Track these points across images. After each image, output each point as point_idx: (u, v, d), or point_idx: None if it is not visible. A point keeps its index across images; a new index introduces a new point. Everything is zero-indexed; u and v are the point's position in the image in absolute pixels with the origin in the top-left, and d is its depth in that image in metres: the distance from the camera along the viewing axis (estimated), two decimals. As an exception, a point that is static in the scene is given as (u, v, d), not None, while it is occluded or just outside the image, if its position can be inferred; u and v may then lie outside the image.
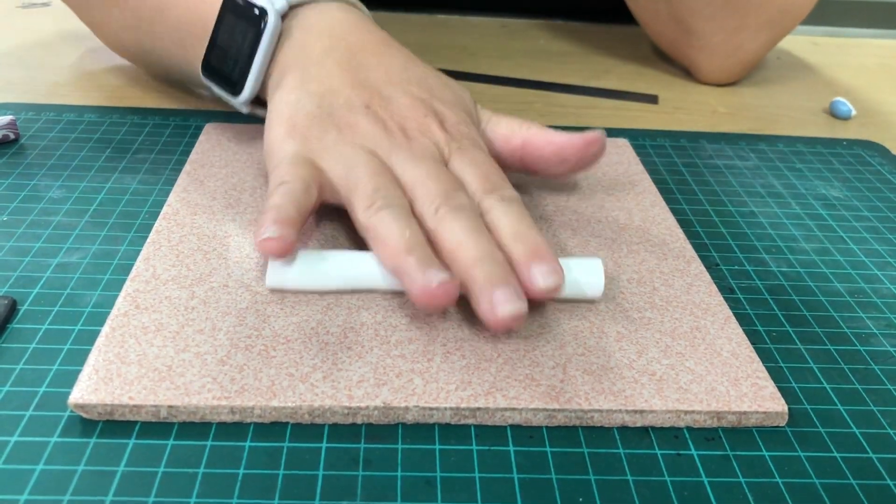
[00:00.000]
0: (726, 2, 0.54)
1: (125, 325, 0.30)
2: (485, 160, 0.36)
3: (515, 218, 0.33)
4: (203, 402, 0.27)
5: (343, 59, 0.39)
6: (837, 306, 0.35)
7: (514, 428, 0.28)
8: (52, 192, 0.40)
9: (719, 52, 0.57)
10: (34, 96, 0.51)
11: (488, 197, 0.34)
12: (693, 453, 0.27)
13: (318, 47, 0.39)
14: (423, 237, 0.32)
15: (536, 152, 0.38)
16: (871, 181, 0.47)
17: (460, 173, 0.35)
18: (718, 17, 0.55)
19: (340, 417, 0.27)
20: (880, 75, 0.66)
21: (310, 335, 0.30)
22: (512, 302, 0.29)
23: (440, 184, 0.33)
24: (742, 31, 0.55)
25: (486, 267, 0.30)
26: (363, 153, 0.35)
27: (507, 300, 0.29)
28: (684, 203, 0.43)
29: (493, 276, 0.30)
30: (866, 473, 0.27)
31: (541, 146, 0.38)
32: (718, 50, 0.57)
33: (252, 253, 0.35)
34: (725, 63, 0.58)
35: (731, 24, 0.55)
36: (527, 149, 0.39)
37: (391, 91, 0.38)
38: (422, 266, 0.30)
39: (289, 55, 0.39)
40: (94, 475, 0.25)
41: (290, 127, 0.36)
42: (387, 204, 0.32)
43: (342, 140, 0.35)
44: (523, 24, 0.71)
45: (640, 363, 0.30)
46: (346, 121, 0.36)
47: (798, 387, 0.31)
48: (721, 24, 0.55)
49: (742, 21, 0.55)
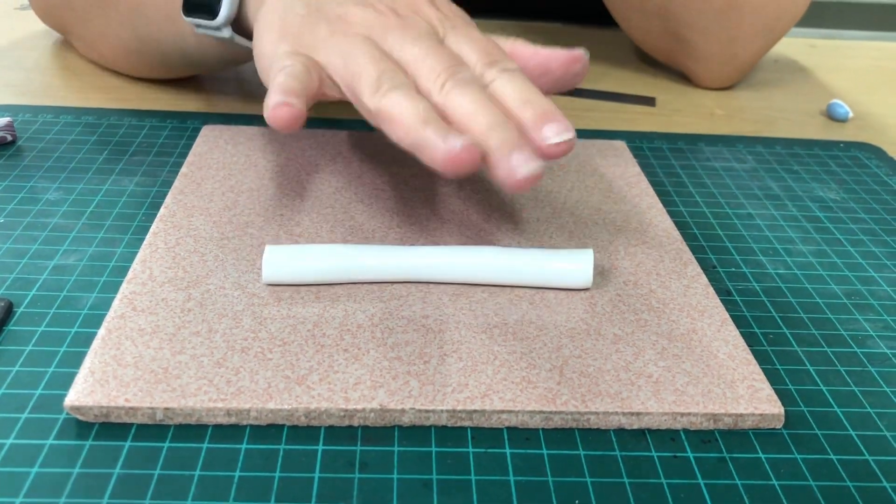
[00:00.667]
0: (721, 13, 0.54)
1: (121, 328, 0.30)
2: (480, 36, 0.36)
3: (520, 86, 0.33)
4: (199, 404, 0.27)
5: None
6: (834, 308, 0.35)
7: (510, 430, 0.28)
8: (49, 194, 0.40)
9: (715, 60, 0.57)
10: (31, 98, 0.51)
11: (490, 69, 0.34)
12: (689, 455, 0.27)
13: None
14: (435, 112, 0.32)
15: (521, 62, 0.39)
16: (868, 183, 0.47)
17: (458, 50, 0.35)
18: (713, 28, 0.55)
19: (337, 420, 0.27)
20: (877, 77, 0.66)
21: (306, 337, 0.30)
22: (528, 163, 0.30)
23: (441, 59, 0.34)
24: (737, 41, 0.55)
25: (499, 133, 0.31)
26: (359, 40, 0.35)
27: (524, 161, 0.30)
28: (681, 205, 0.43)
29: (508, 141, 0.30)
30: (862, 476, 0.27)
31: (526, 56, 0.39)
32: (714, 59, 0.57)
33: (249, 255, 0.35)
34: (722, 70, 0.58)
35: (726, 35, 0.55)
36: (513, 58, 0.39)
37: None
38: (441, 134, 0.30)
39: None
40: (90, 478, 0.25)
41: (280, 30, 0.37)
42: (394, 85, 0.33)
43: (335, 31, 0.36)
44: (520, 27, 0.71)
45: (637, 365, 0.30)
46: (335, 13, 0.36)
47: (794, 389, 0.31)
48: (717, 36, 0.55)
49: (737, 31, 0.55)
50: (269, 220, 0.37)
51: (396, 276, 0.33)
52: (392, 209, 0.39)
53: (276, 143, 0.44)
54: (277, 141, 0.45)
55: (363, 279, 0.33)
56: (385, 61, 0.34)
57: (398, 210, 0.39)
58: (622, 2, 0.57)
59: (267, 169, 0.42)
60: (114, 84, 0.53)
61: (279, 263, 0.32)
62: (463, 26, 0.37)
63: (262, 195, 0.39)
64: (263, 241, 0.36)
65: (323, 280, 0.33)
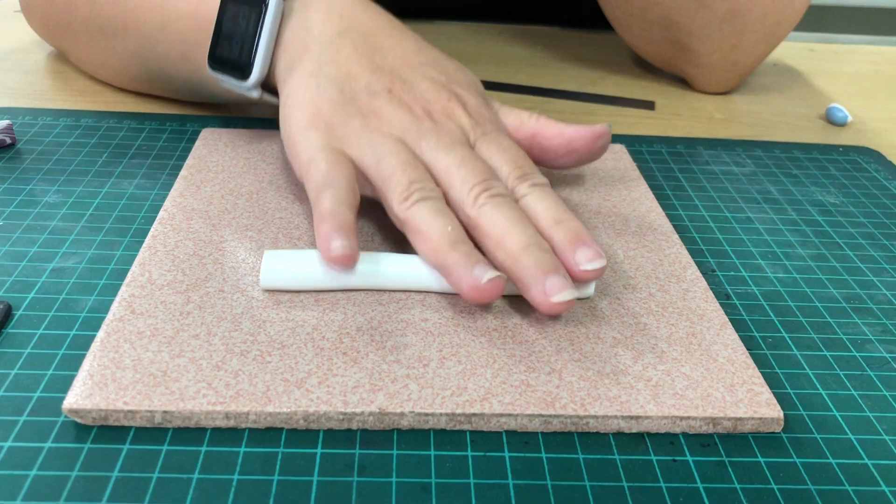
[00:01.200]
0: (723, 21, 0.54)
1: (120, 330, 0.30)
2: (510, 145, 0.36)
3: (552, 204, 0.33)
4: (198, 407, 0.27)
5: (357, 41, 0.38)
6: (833, 312, 0.35)
7: (509, 434, 0.28)
8: (49, 197, 0.40)
9: (717, 67, 0.57)
10: (31, 101, 0.51)
11: (521, 184, 0.34)
12: (688, 459, 0.27)
13: (329, 28, 0.39)
14: (464, 231, 0.32)
15: (546, 143, 0.39)
16: (867, 187, 0.47)
17: (489, 159, 0.35)
18: (716, 36, 0.55)
19: (335, 423, 0.27)
20: (876, 81, 0.66)
21: (305, 340, 0.30)
22: (565, 289, 0.30)
23: (476, 172, 0.33)
24: (739, 48, 0.55)
25: (534, 254, 0.31)
26: (392, 141, 0.34)
27: (561, 287, 0.30)
28: (680, 209, 0.43)
29: (543, 264, 0.30)
30: (862, 480, 0.27)
31: (550, 137, 0.39)
32: (716, 66, 0.57)
33: (248, 258, 0.35)
34: (723, 76, 0.58)
35: (728, 42, 0.55)
36: (536, 139, 0.39)
37: (410, 75, 0.37)
38: (469, 263, 0.30)
39: (296, 34, 0.39)
40: (88, 481, 0.25)
41: (313, 114, 0.36)
42: (424, 196, 0.32)
43: (369, 127, 0.35)
44: (521, 30, 0.71)
45: (636, 369, 0.30)
46: (370, 107, 0.36)
47: (794, 393, 0.31)
48: (719, 43, 0.55)
49: (740, 38, 0.55)
50: (269, 224, 0.37)
51: (395, 283, 0.33)
52: (391, 212, 0.39)
53: (276, 147, 0.44)
54: (277, 144, 0.45)
55: (362, 286, 0.33)
56: (417, 169, 0.34)
57: (397, 213, 0.39)
58: (623, 11, 0.57)
59: (266, 172, 0.42)
60: (113, 87, 0.53)
61: (278, 269, 0.32)
62: (494, 132, 0.36)
63: (262, 198, 0.39)
64: (263, 244, 0.36)
65: (321, 287, 0.33)
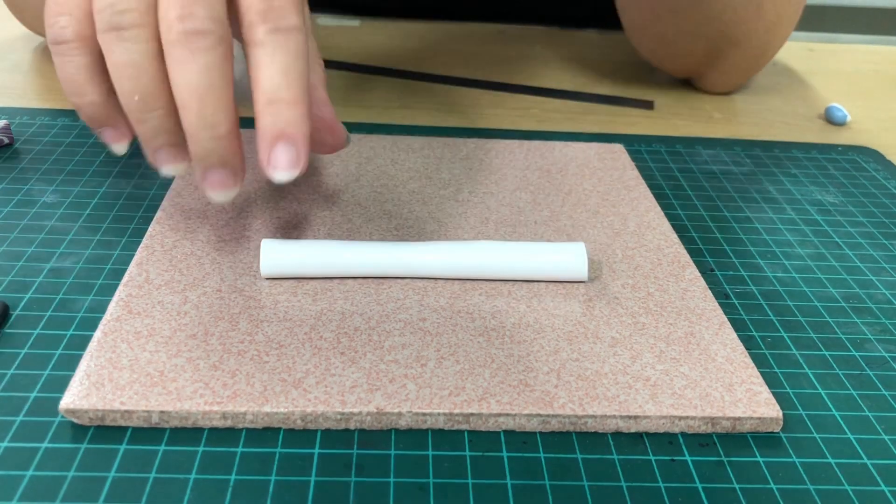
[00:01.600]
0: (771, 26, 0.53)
1: (118, 331, 0.30)
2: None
3: (280, 68, 0.26)
4: (195, 407, 0.27)
5: None
6: (832, 312, 0.35)
7: (507, 433, 0.28)
8: (46, 197, 0.39)
9: (738, 70, 0.57)
10: (29, 101, 0.51)
11: (259, 26, 0.27)
12: (687, 459, 0.27)
13: None
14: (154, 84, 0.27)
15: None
16: (866, 186, 0.47)
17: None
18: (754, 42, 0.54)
19: (333, 423, 0.27)
20: (875, 81, 0.66)
21: (303, 340, 0.30)
22: (225, 187, 0.28)
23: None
24: (767, 52, 0.56)
25: (205, 144, 0.27)
26: None
27: (220, 184, 0.28)
28: (679, 208, 0.43)
29: (212, 156, 0.27)
30: (861, 479, 0.27)
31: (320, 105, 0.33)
32: (738, 68, 0.57)
33: (246, 258, 0.34)
34: (741, 79, 0.58)
35: (760, 47, 0.55)
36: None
37: None
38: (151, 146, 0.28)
39: None
40: (85, 481, 0.25)
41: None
42: (116, 24, 0.26)
43: None
44: (520, 30, 0.71)
45: (635, 369, 0.30)
46: None
47: (793, 392, 0.31)
48: (753, 49, 0.55)
49: (772, 42, 0.55)
50: (266, 223, 0.37)
51: (393, 267, 0.33)
52: (389, 212, 0.39)
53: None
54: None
55: (360, 272, 0.33)
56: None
57: (395, 212, 0.39)
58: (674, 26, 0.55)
59: (264, 172, 0.42)
60: (111, 87, 0.53)
61: (277, 255, 0.32)
62: None
63: (259, 198, 0.39)
64: (260, 243, 0.36)
65: (320, 272, 0.33)
